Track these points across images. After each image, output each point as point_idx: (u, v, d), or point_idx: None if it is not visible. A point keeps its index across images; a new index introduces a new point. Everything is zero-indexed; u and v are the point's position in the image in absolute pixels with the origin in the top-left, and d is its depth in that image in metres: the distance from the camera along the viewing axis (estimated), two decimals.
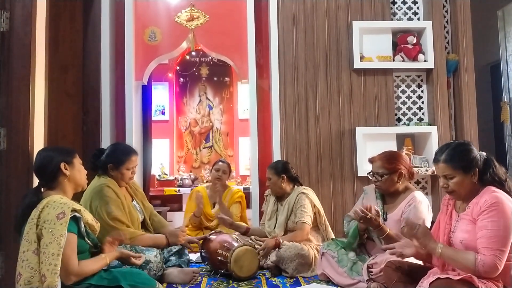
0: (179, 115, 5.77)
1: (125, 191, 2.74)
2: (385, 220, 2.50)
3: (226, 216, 3.23)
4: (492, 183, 1.85)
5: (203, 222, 3.61)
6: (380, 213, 2.51)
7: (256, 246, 2.77)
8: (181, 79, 5.78)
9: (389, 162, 2.49)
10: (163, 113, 5.70)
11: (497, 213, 1.75)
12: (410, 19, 3.94)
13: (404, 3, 3.96)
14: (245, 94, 5.03)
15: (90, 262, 1.88)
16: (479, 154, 1.88)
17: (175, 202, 5.33)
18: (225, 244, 2.73)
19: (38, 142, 2.57)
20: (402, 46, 3.79)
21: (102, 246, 2.05)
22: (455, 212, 1.96)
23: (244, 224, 3.37)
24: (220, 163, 3.73)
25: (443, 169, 1.89)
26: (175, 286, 2.58)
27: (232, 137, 5.76)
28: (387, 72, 3.79)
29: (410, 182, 2.61)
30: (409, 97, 3.90)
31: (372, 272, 2.34)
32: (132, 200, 2.76)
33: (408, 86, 3.90)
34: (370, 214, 2.32)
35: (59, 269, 1.72)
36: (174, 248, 2.77)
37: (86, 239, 1.92)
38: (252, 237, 2.98)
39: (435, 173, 3.61)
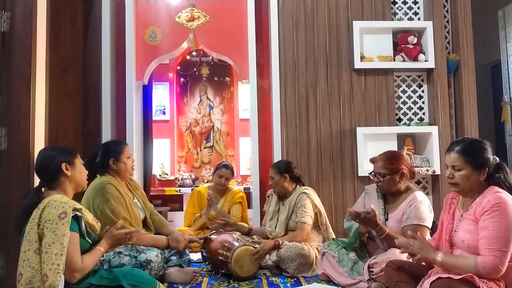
0: (180, 115, 5.76)
1: (126, 189, 2.74)
2: (386, 220, 2.50)
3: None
4: (499, 187, 1.85)
5: (205, 222, 3.62)
6: (381, 212, 2.52)
7: (256, 246, 2.77)
8: (182, 79, 5.78)
9: (390, 162, 2.49)
10: (164, 113, 5.70)
11: (500, 214, 1.75)
12: (410, 19, 3.94)
13: (405, 3, 3.96)
14: (245, 94, 5.02)
15: (89, 257, 1.89)
16: (493, 157, 1.88)
17: (175, 202, 5.33)
18: (226, 244, 2.74)
19: (39, 142, 2.57)
20: (403, 46, 3.78)
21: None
22: (458, 211, 1.95)
23: (246, 225, 3.37)
24: (224, 169, 3.67)
25: (454, 159, 1.88)
26: (176, 285, 2.58)
27: (232, 137, 5.75)
28: (388, 72, 3.79)
29: (411, 182, 2.61)
30: (409, 97, 3.89)
31: (373, 271, 2.34)
32: (133, 198, 2.76)
33: (409, 86, 3.90)
34: (362, 215, 2.31)
35: (61, 269, 1.71)
36: None
37: (87, 238, 1.92)
38: (254, 236, 2.98)
39: (436, 173, 3.64)
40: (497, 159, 1.89)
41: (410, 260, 1.92)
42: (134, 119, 3.71)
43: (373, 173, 2.55)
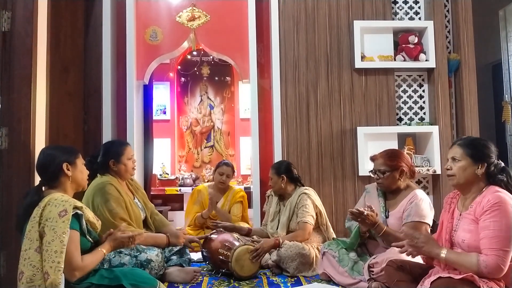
0: (180, 114, 5.77)
1: (127, 189, 2.74)
2: (386, 217, 2.51)
3: (225, 220, 3.30)
4: (499, 187, 1.85)
5: (206, 221, 3.62)
6: (382, 210, 2.53)
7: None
8: (182, 79, 5.79)
9: (390, 159, 2.51)
10: (164, 112, 5.71)
11: (500, 213, 1.75)
12: (411, 18, 3.94)
13: (406, 2, 3.96)
14: (246, 94, 5.03)
15: (90, 257, 1.89)
16: (497, 160, 1.89)
17: (176, 202, 5.34)
18: (226, 244, 2.74)
19: (39, 142, 2.58)
20: (404, 45, 3.78)
21: (102, 241, 2.04)
22: (457, 210, 1.96)
23: (245, 226, 3.37)
24: (225, 166, 3.69)
25: (455, 151, 1.92)
26: (176, 285, 2.58)
27: (233, 136, 5.76)
28: (388, 72, 3.79)
29: (411, 181, 2.61)
30: (410, 97, 3.89)
31: (373, 271, 2.34)
32: (134, 198, 2.76)
33: (410, 86, 3.90)
34: (365, 213, 2.32)
35: (62, 266, 1.72)
36: (176, 248, 2.77)
37: (88, 236, 1.92)
38: (254, 236, 2.99)
39: (436, 173, 3.64)
40: (502, 163, 1.91)
41: (409, 257, 1.93)
42: (135, 118, 3.72)
43: (373, 171, 2.57)
